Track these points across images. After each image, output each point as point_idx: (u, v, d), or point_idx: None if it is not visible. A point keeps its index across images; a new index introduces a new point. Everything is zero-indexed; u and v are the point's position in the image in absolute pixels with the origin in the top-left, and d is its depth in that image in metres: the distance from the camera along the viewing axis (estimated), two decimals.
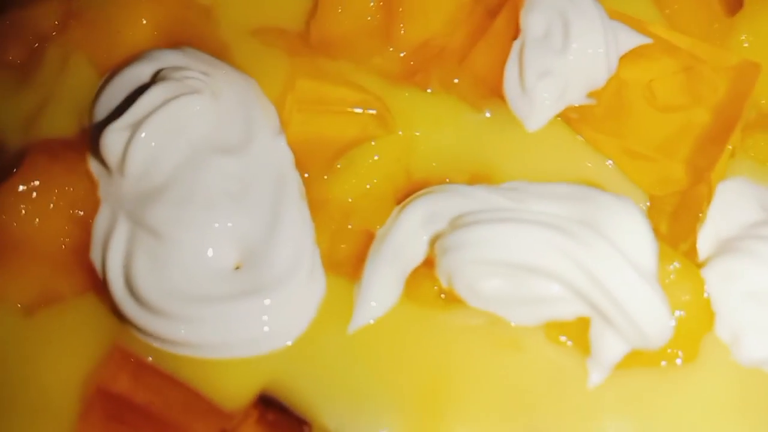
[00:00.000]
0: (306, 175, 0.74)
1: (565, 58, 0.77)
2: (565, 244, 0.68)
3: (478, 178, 0.77)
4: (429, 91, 0.79)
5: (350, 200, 0.75)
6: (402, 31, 0.82)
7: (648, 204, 0.78)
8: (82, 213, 0.70)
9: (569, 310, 0.70)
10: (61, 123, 0.76)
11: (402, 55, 0.82)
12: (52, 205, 0.68)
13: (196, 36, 0.81)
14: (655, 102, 0.78)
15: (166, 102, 0.69)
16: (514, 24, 0.80)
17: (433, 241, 0.72)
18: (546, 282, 0.69)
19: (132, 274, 0.67)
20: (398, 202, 0.77)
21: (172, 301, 0.66)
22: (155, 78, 0.73)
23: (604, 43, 0.78)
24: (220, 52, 0.80)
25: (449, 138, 0.78)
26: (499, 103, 0.78)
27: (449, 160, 0.78)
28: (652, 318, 0.69)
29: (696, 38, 0.84)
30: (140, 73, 0.74)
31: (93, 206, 0.70)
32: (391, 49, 0.83)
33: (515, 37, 0.80)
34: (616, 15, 0.83)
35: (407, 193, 0.78)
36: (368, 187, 0.75)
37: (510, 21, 0.80)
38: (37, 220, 0.69)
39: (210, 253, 0.67)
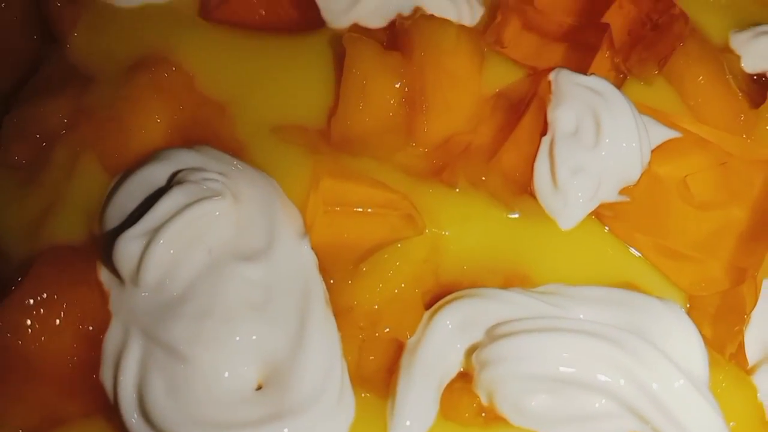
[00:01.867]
0: (331, 282, 0.68)
1: (598, 154, 0.73)
2: (614, 354, 0.62)
3: (512, 280, 0.71)
4: (457, 188, 0.74)
5: (377, 307, 0.69)
6: (425, 128, 0.77)
7: (688, 305, 0.73)
8: (91, 328, 0.63)
9: (619, 425, 0.64)
10: (69, 229, 0.69)
11: (425, 151, 0.78)
12: (59, 321, 0.61)
13: (212, 134, 0.75)
14: (691, 199, 0.74)
15: (184, 207, 0.63)
16: (541, 119, 0.76)
17: (470, 352, 0.66)
18: (595, 396, 0.63)
19: (146, 396, 0.60)
20: (427, 307, 0.71)
21: (189, 428, 0.59)
22: (171, 180, 0.67)
23: (637, 137, 0.74)
24: (237, 151, 0.74)
25: (479, 238, 0.73)
26: (530, 201, 0.73)
27: (480, 261, 0.72)
28: (708, 430, 0.63)
29: (723, 131, 0.81)
30: (155, 174, 0.68)
31: (103, 321, 0.63)
32: (413, 144, 0.79)
33: (543, 133, 0.76)
34: (643, 108, 0.80)
35: (436, 296, 0.71)
36: (396, 291, 0.69)
37: (537, 116, 0.76)
38: (43, 337, 0.62)
39: (231, 373, 0.60)
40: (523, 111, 0.76)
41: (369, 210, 0.70)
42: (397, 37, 0.81)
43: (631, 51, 0.83)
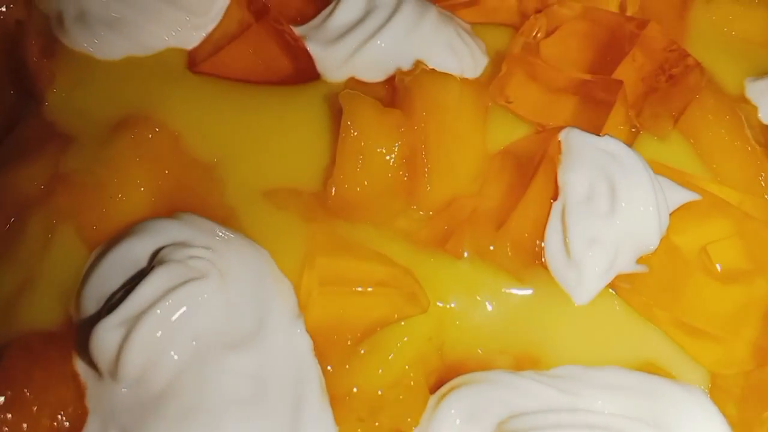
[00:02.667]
0: (328, 368, 0.62)
1: (614, 222, 0.67)
2: None
3: (523, 361, 0.65)
4: (463, 257, 0.68)
5: (378, 392, 0.63)
6: (427, 190, 0.72)
7: (710, 385, 0.68)
8: (67, 424, 0.57)
9: None
10: (43, 310, 0.63)
11: (428, 215, 0.72)
12: (26, 426, 0.55)
13: (199, 200, 0.69)
14: (712, 271, 0.69)
15: (167, 292, 0.58)
16: (552, 182, 0.70)
17: None
18: None
19: None
20: (432, 390, 0.66)
21: None
22: (153, 258, 0.62)
23: (655, 202, 0.68)
24: (227, 218, 0.68)
25: (487, 313, 0.67)
26: (541, 272, 0.68)
27: (488, 339, 0.66)
28: None
29: (744, 192, 0.76)
30: (136, 251, 0.62)
31: (79, 417, 0.57)
32: (414, 207, 0.73)
33: (554, 197, 0.70)
34: (658, 168, 0.74)
35: (442, 378, 0.66)
36: (398, 375, 0.63)
37: (547, 179, 0.70)
38: None
39: None
40: (533, 173, 0.71)
41: (369, 289, 0.65)
42: (397, 93, 0.75)
43: (644, 105, 0.78)
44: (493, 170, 0.74)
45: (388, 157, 0.72)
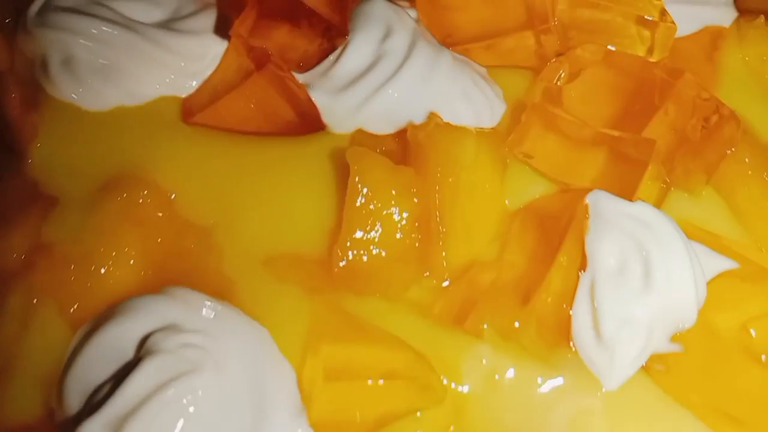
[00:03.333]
0: None
1: (648, 299, 0.61)
2: None
3: None
4: (483, 337, 0.63)
5: None
6: (442, 254, 0.66)
7: None
8: None
9: None
10: (21, 401, 0.57)
11: (443, 285, 0.66)
12: None
13: (193, 269, 0.64)
14: (754, 352, 0.63)
15: (156, 390, 0.52)
16: (579, 251, 0.64)
17: None
18: None
19: None
20: None
21: None
22: (142, 346, 0.56)
23: (691, 272, 0.62)
24: (224, 291, 0.62)
25: (509, 399, 0.61)
26: (569, 354, 0.62)
27: (510, 428, 0.62)
28: None
29: None
30: (123, 336, 0.56)
31: None
32: (427, 274, 0.67)
33: (582, 267, 0.64)
34: (692, 231, 0.68)
35: None
36: None
37: (575, 248, 0.64)
38: None
39: None
40: (559, 240, 0.64)
41: (380, 382, 0.59)
42: (409, 150, 0.69)
43: (675, 159, 0.72)
44: (514, 232, 0.68)
45: (399, 220, 0.66)
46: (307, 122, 0.74)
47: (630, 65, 0.75)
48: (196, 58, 0.74)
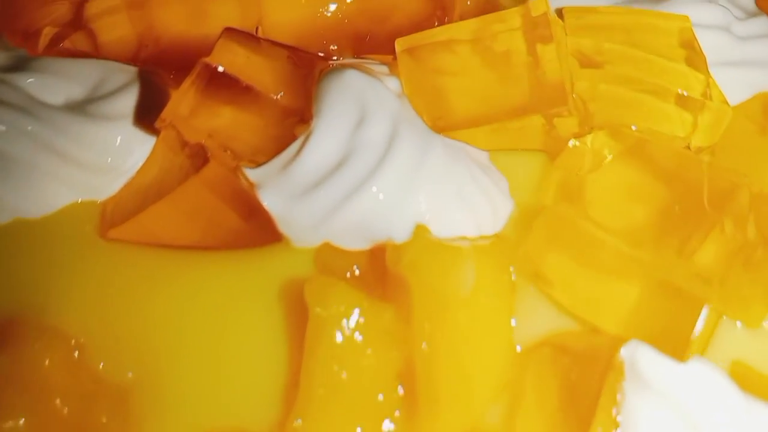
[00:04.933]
0: None
1: None
2: None
3: None
4: None
5: None
6: (434, 423, 0.51)
7: None
8: None
9: None
10: None
11: None
12: None
13: None
14: None
15: None
16: (614, 416, 0.49)
17: None
18: None
19: None
20: None
21: None
22: None
23: None
24: None
25: None
26: None
27: None
28: None
29: None
30: None
31: None
32: None
33: None
34: (747, 377, 0.53)
35: None
36: None
37: (609, 413, 0.49)
38: None
39: None
40: (589, 407, 0.49)
41: None
42: (388, 280, 0.53)
43: (729, 283, 0.56)
44: (529, 385, 0.53)
45: (375, 377, 0.51)
46: (259, 233, 0.58)
47: (669, 160, 0.59)
48: (119, 152, 0.58)
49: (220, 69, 0.57)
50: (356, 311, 0.50)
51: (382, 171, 0.56)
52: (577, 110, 0.60)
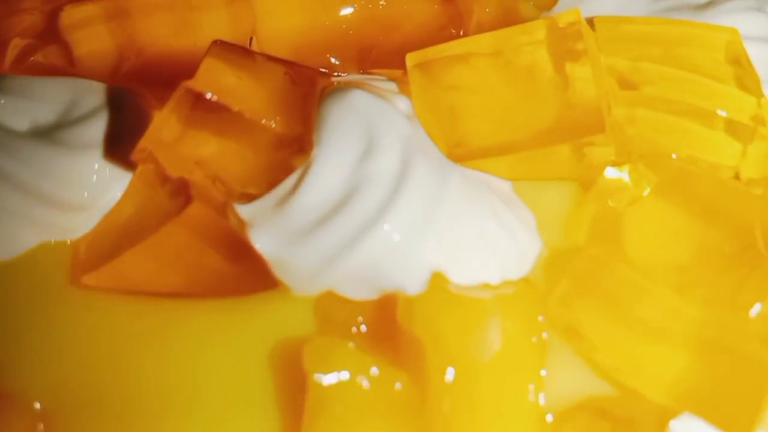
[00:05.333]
0: None
1: None
2: None
3: None
4: None
5: None
6: None
7: None
8: None
9: None
10: None
11: None
12: None
13: None
14: None
15: None
16: None
17: None
18: None
19: None
20: None
21: None
22: None
23: None
24: None
25: None
26: None
27: None
28: None
29: None
30: None
31: None
32: None
33: None
34: None
35: None
36: None
37: None
38: None
39: None
40: None
41: None
42: (400, 340, 0.46)
43: None
44: None
45: None
46: (249, 278, 0.51)
47: (715, 193, 0.52)
48: (92, 188, 0.51)
49: (207, 95, 0.50)
50: (363, 378, 0.44)
51: (393, 209, 0.49)
52: (614, 138, 0.53)
